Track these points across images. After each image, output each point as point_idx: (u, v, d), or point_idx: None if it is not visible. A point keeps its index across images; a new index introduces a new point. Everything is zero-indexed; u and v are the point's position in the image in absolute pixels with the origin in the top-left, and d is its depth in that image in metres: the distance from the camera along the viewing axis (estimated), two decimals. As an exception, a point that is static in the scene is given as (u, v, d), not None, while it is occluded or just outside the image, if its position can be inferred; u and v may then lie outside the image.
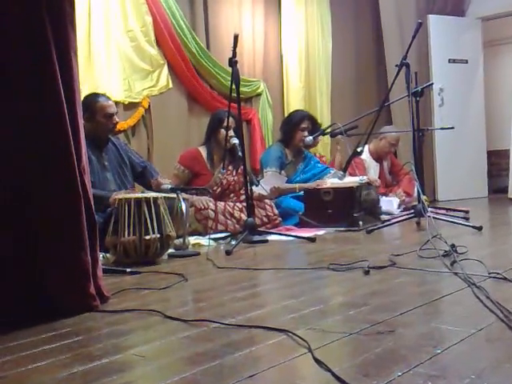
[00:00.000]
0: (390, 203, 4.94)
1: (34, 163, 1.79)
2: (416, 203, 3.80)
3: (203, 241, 3.46)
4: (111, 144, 3.55)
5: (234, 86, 3.47)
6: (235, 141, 3.81)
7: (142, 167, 3.65)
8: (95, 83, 4.18)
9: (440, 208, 4.70)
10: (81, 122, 1.92)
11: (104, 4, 4.31)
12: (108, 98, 3.53)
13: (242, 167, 3.63)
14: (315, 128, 4.68)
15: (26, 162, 1.78)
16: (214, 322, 1.59)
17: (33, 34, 1.77)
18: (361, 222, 3.96)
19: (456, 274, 2.11)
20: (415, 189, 4.37)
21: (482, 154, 6.96)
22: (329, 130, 4.71)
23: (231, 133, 3.88)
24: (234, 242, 3.28)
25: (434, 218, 3.41)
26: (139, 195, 2.93)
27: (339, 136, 4.62)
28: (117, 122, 3.52)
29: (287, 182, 4.49)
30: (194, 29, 4.93)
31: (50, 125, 1.80)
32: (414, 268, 2.29)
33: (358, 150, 4.02)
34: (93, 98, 3.45)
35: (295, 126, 4.64)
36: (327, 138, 5.62)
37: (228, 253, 3.00)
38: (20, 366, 1.32)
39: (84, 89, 3.80)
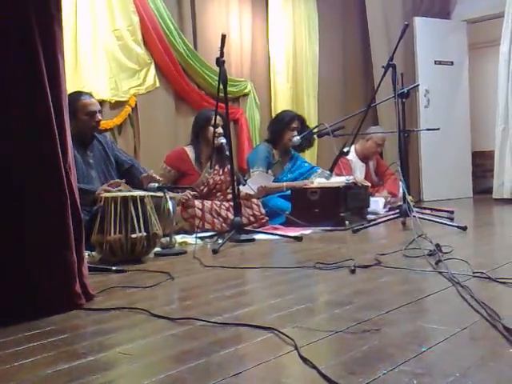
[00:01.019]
0: (375, 203, 4.97)
1: (19, 162, 1.78)
2: (401, 203, 3.83)
3: (190, 239, 3.46)
4: (97, 141, 3.52)
5: (221, 86, 3.47)
6: (222, 140, 3.81)
7: (130, 165, 3.62)
8: (82, 82, 4.16)
9: (425, 208, 4.74)
10: (67, 121, 1.91)
11: (90, 3, 4.29)
12: (91, 96, 3.50)
13: (228, 166, 3.62)
14: (304, 129, 4.70)
15: (12, 162, 1.77)
16: (200, 320, 1.59)
17: (19, 34, 1.76)
18: (347, 222, 3.99)
19: (441, 273, 2.13)
20: (400, 189, 4.40)
21: (467, 154, 7.03)
22: (316, 131, 4.73)
23: (220, 129, 3.89)
24: (220, 241, 3.28)
25: (419, 217, 3.43)
26: (126, 193, 2.92)
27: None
28: (99, 120, 3.49)
29: (274, 182, 4.50)
30: (181, 28, 4.92)
31: (37, 124, 1.79)
32: (400, 267, 2.31)
33: (345, 150, 4.04)
34: (75, 96, 3.42)
35: (285, 125, 4.65)
36: (315, 139, 5.63)
37: (215, 251, 3.00)
38: (4, 363, 1.30)
39: (71, 88, 3.76)
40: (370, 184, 4.76)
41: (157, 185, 3.27)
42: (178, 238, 3.43)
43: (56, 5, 1.86)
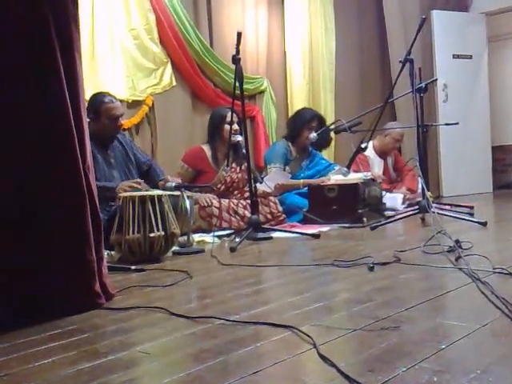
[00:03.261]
0: (394, 199, 4.93)
1: (38, 163, 1.79)
2: (420, 199, 3.80)
3: (207, 238, 3.47)
4: (117, 141, 3.56)
5: (237, 84, 3.47)
6: (239, 138, 3.82)
7: (148, 166, 3.66)
8: (99, 82, 4.19)
9: (444, 204, 4.70)
10: (85, 120, 1.92)
11: (107, 2, 4.32)
12: (115, 100, 3.51)
13: (245, 164, 3.63)
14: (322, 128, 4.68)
15: (31, 162, 1.79)
16: (218, 318, 1.59)
17: (37, 33, 1.78)
18: (365, 219, 3.96)
19: (461, 269, 2.11)
20: (419, 185, 4.37)
21: (487, 149, 6.94)
22: (333, 127, 4.71)
23: (236, 126, 3.89)
24: (238, 239, 3.28)
25: (438, 213, 3.41)
26: (143, 193, 2.93)
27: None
28: (121, 124, 3.54)
29: (291, 179, 4.49)
30: (197, 26, 4.93)
31: (55, 124, 1.80)
32: (419, 264, 2.29)
33: (363, 146, 4.01)
34: (99, 98, 3.44)
35: (305, 123, 4.64)
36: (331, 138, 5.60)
37: (232, 250, 3.00)
38: (26, 363, 1.32)
39: (88, 87, 3.79)
40: (381, 179, 4.72)
41: (174, 184, 3.29)
42: (196, 237, 3.44)
43: (73, 4, 1.88)
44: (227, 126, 3.89)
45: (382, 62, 6.75)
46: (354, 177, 4.22)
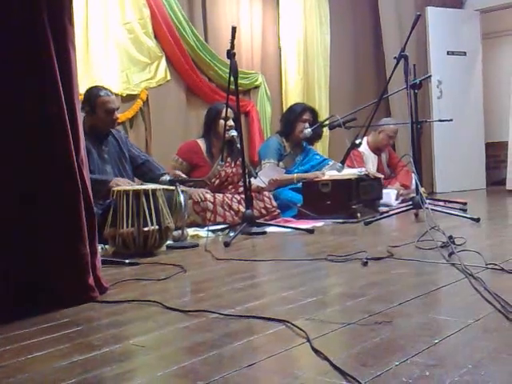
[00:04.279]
0: (387, 195, 4.95)
1: (32, 157, 1.79)
2: (414, 195, 3.81)
3: (202, 232, 3.47)
4: (112, 137, 3.54)
5: (232, 79, 3.47)
6: (234, 133, 3.81)
7: (143, 160, 3.64)
8: (93, 76, 4.17)
9: (438, 200, 4.71)
10: (79, 114, 1.92)
11: (101, -4, 4.30)
12: (110, 93, 3.49)
13: (240, 159, 3.63)
14: (316, 122, 4.68)
15: (25, 155, 1.78)
16: (212, 312, 1.60)
17: (31, 27, 1.77)
18: (359, 214, 3.98)
19: (453, 265, 2.12)
20: (413, 181, 4.38)
21: (480, 145, 6.97)
22: (327, 122, 4.71)
23: (231, 122, 3.89)
24: (232, 234, 3.29)
25: (431, 209, 3.42)
26: (138, 187, 2.93)
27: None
28: (117, 118, 3.52)
29: (285, 174, 4.49)
30: (191, 21, 4.92)
31: (49, 118, 1.80)
32: (412, 259, 2.30)
33: (357, 142, 4.02)
34: (95, 92, 3.42)
35: (297, 117, 4.64)
36: (326, 131, 5.61)
37: (226, 244, 3.01)
38: (20, 355, 1.32)
39: (82, 82, 3.77)
40: (383, 176, 4.74)
41: (168, 178, 3.29)
42: (190, 231, 3.44)
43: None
44: (222, 122, 3.89)
45: (376, 58, 6.76)
46: (348, 172, 4.23)
